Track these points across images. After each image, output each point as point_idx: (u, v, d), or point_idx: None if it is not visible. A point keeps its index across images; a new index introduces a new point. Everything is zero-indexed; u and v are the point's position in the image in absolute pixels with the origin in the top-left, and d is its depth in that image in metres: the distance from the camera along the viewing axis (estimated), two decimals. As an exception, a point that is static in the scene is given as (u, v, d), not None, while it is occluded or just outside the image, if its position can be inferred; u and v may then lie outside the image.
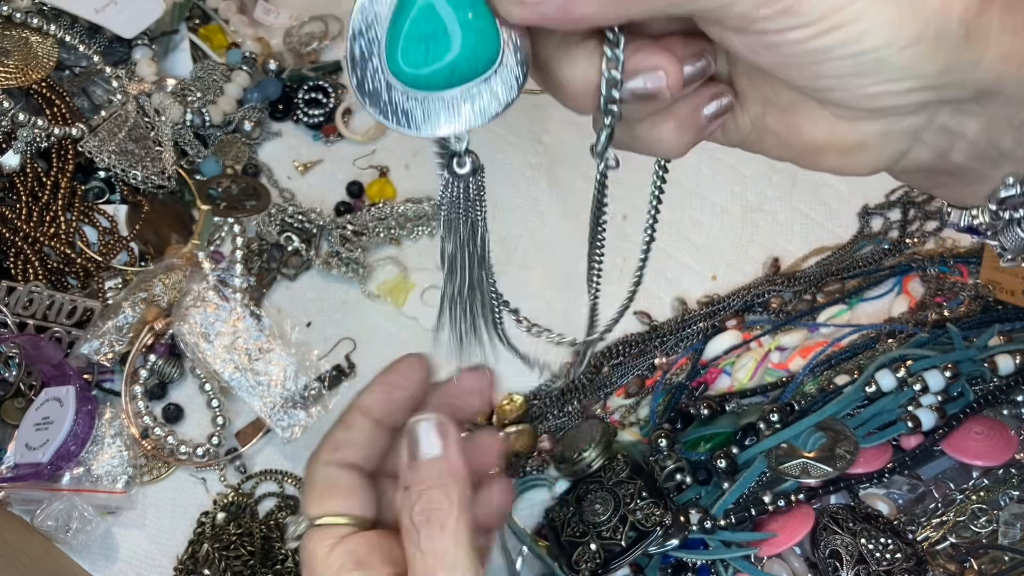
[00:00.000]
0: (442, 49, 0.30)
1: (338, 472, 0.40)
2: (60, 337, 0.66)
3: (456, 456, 0.38)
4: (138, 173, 0.72)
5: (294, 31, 0.83)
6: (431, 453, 0.37)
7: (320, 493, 0.39)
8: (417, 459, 0.37)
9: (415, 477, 0.37)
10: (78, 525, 0.61)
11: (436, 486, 0.36)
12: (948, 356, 0.61)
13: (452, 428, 0.38)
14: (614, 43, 0.30)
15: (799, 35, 0.28)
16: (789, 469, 0.58)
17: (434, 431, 0.38)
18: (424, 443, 0.38)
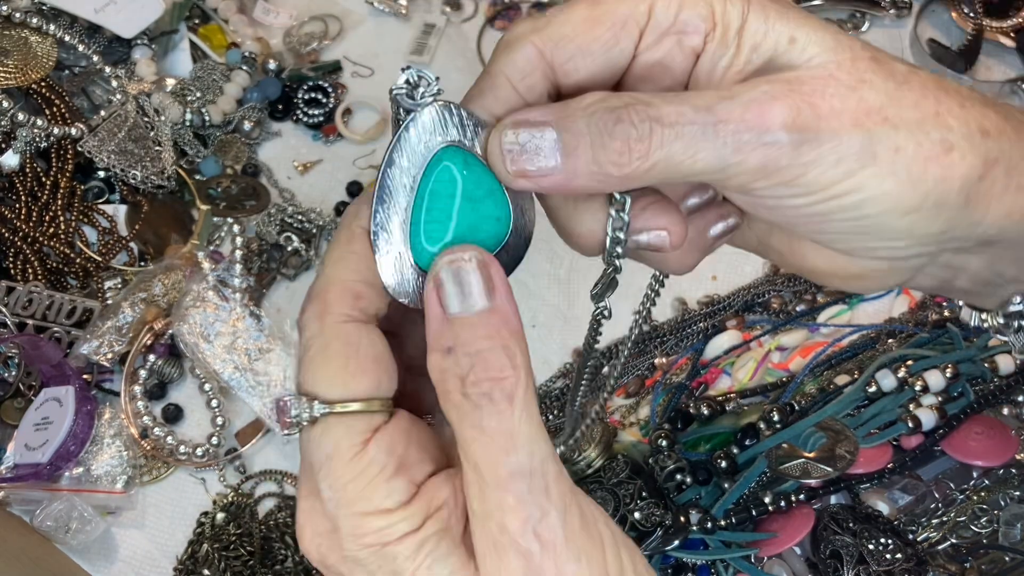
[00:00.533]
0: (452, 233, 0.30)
1: (361, 333, 0.29)
2: (59, 337, 0.66)
3: (509, 304, 0.28)
4: (137, 173, 0.72)
5: (294, 31, 0.83)
6: (477, 305, 0.28)
7: (341, 365, 0.29)
8: (456, 312, 0.28)
9: (459, 336, 0.28)
10: (77, 525, 0.61)
11: (493, 347, 0.27)
12: (948, 356, 0.61)
13: (495, 265, 0.29)
14: (620, 205, 0.30)
15: (799, 202, 0.29)
16: (789, 469, 0.58)
17: (475, 273, 0.28)
18: (463, 291, 0.28)
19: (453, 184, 0.30)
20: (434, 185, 0.30)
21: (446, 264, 0.29)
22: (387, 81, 0.83)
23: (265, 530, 0.63)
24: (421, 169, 0.30)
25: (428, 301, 0.29)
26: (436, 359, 0.28)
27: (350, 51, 0.84)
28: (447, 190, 0.30)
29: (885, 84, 0.28)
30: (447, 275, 0.29)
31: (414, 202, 0.30)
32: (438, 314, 0.28)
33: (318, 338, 0.29)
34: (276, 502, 0.64)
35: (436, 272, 0.29)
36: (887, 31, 0.84)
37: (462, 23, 0.86)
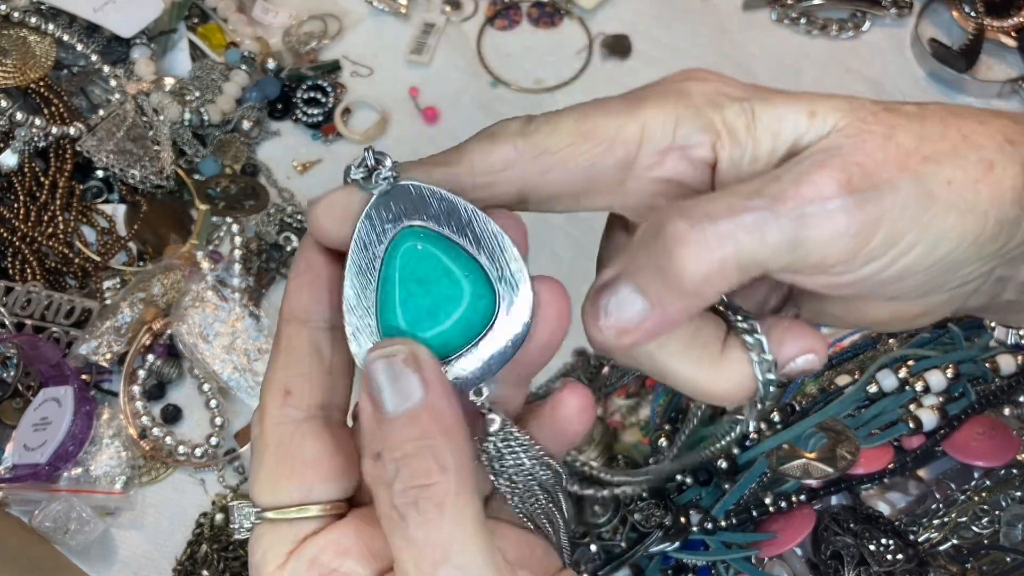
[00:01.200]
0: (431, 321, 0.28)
1: (295, 433, 0.28)
2: (58, 337, 0.66)
3: (442, 398, 0.26)
4: (136, 173, 0.71)
5: (293, 30, 0.83)
6: (405, 404, 0.26)
7: (271, 470, 0.28)
8: (385, 412, 0.26)
9: (386, 439, 0.26)
10: (76, 526, 0.61)
11: (419, 451, 0.25)
12: (950, 356, 0.61)
13: (426, 356, 0.27)
14: (758, 346, 0.28)
15: (876, 266, 0.28)
16: (790, 470, 0.58)
17: (404, 367, 0.26)
18: (391, 389, 0.26)
19: (411, 266, 0.28)
20: (390, 269, 0.28)
21: (374, 359, 0.26)
22: (387, 80, 0.83)
23: (264, 531, 0.63)
24: (383, 252, 0.28)
25: (361, 400, 0.27)
26: (367, 465, 0.27)
27: (349, 50, 0.84)
28: (405, 273, 0.28)
29: (910, 125, 0.28)
30: (376, 371, 0.26)
31: (377, 285, 0.28)
32: (368, 414, 0.26)
33: (258, 442, 0.29)
34: (275, 503, 0.64)
35: (366, 368, 0.27)
36: (888, 31, 0.84)
37: (462, 22, 0.85)
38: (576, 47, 0.84)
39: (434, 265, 0.28)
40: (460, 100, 0.81)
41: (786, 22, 0.84)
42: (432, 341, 0.28)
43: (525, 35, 0.85)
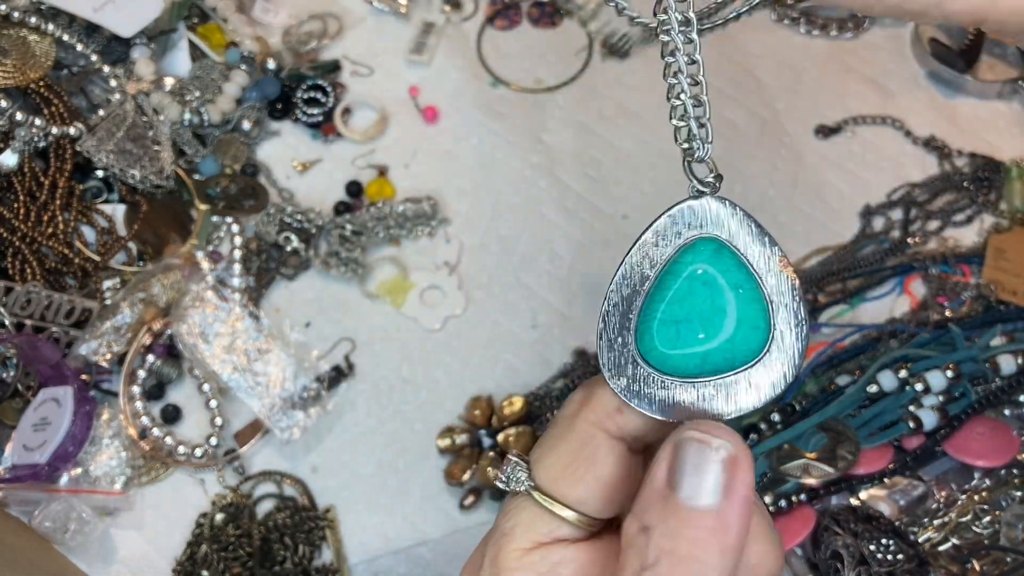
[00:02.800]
0: (695, 334, 0.27)
1: (603, 445, 0.28)
2: (58, 337, 0.66)
3: (739, 516, 0.24)
4: (136, 173, 0.71)
5: (293, 30, 0.83)
6: (704, 501, 0.24)
7: (565, 461, 0.28)
8: (678, 495, 0.24)
9: (665, 520, 0.24)
10: (76, 526, 0.61)
11: (692, 554, 0.23)
12: (950, 356, 0.61)
13: (747, 467, 0.24)
14: None
15: None
16: (790, 470, 0.58)
17: (718, 465, 0.24)
18: (695, 477, 0.24)
19: (710, 282, 0.28)
20: (684, 280, 0.28)
21: (690, 438, 0.25)
22: (386, 80, 0.83)
23: (264, 531, 0.63)
24: (669, 258, 0.28)
25: (656, 461, 0.25)
26: (631, 526, 0.25)
27: (349, 50, 0.84)
28: (700, 288, 0.28)
29: None
30: (687, 450, 0.24)
31: (652, 291, 0.28)
32: (657, 481, 0.25)
33: (564, 423, 0.28)
34: (275, 503, 0.64)
35: (680, 438, 0.25)
36: (888, 30, 0.84)
37: (462, 22, 0.85)
38: (576, 47, 0.84)
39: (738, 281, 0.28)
40: (460, 100, 0.81)
41: (786, 22, 0.84)
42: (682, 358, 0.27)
43: (525, 35, 0.85)
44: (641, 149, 0.78)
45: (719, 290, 0.27)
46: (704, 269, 0.28)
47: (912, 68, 0.82)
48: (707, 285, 0.28)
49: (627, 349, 0.28)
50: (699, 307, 0.27)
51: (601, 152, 0.78)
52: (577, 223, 0.74)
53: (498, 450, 0.64)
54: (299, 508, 0.63)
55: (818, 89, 0.81)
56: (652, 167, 0.77)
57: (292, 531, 0.62)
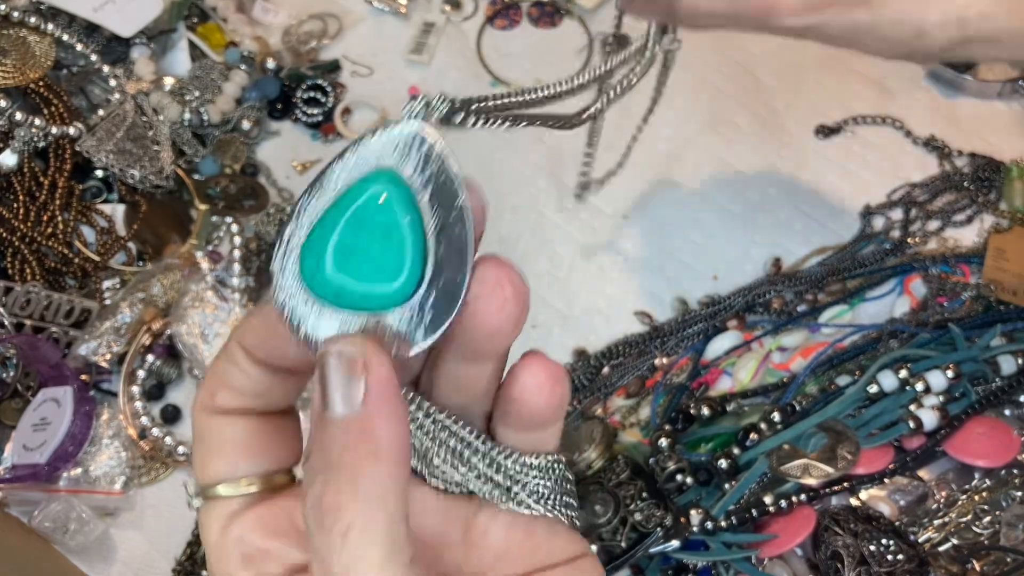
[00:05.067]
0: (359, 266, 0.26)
1: (221, 423, 0.28)
2: (58, 337, 0.66)
3: (383, 416, 0.23)
4: (136, 172, 0.71)
5: (292, 30, 0.83)
6: (342, 409, 0.23)
7: (200, 454, 0.28)
8: (325, 412, 0.23)
9: (319, 442, 0.24)
10: (76, 526, 0.61)
11: (339, 467, 0.23)
12: (950, 356, 0.61)
13: (379, 360, 0.24)
14: None
15: None
16: (790, 470, 0.57)
17: (343, 371, 0.24)
18: (331, 389, 0.23)
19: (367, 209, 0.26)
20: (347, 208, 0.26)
21: (328, 352, 0.24)
22: (386, 80, 0.83)
23: (264, 531, 0.63)
24: (346, 185, 0.26)
25: (313, 390, 0.25)
26: (303, 461, 0.25)
27: (349, 50, 0.84)
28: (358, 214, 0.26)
29: None
30: (327, 365, 0.24)
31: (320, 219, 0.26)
32: (315, 408, 0.24)
33: (193, 429, 0.29)
34: (275, 503, 0.64)
35: (318, 358, 0.24)
36: (888, 30, 0.84)
37: (462, 22, 0.85)
38: (576, 47, 0.84)
39: (388, 219, 0.26)
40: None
41: (786, 22, 0.84)
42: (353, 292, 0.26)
43: (525, 35, 0.85)
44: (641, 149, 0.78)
45: (395, 227, 0.26)
46: (385, 199, 0.26)
47: (912, 68, 0.82)
48: (385, 217, 0.26)
49: (291, 269, 0.26)
50: (371, 240, 0.26)
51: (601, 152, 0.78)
52: (577, 223, 0.74)
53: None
54: (299, 508, 0.63)
55: (818, 89, 0.81)
56: (652, 167, 0.77)
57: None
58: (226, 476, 0.28)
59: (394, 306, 0.26)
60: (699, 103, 0.79)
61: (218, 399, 0.28)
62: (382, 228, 0.26)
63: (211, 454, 0.28)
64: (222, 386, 0.28)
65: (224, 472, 0.28)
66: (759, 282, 0.71)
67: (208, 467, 0.28)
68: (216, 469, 0.28)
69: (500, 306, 0.26)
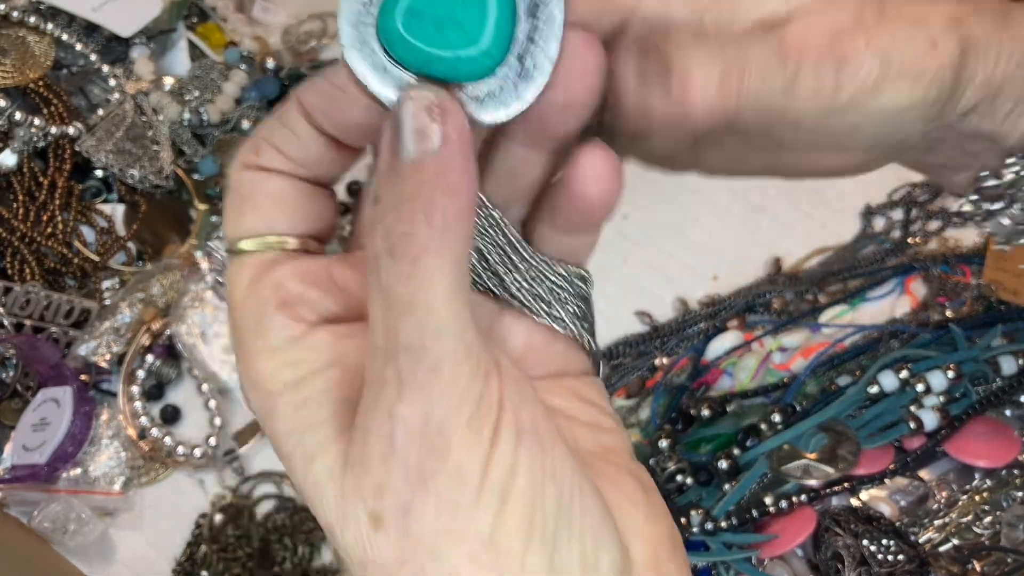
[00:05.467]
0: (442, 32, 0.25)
1: (260, 177, 0.28)
2: (57, 338, 0.66)
3: (457, 156, 0.23)
4: (135, 172, 0.71)
5: (292, 29, 0.83)
6: (420, 148, 0.23)
7: (236, 207, 0.28)
8: (398, 158, 0.23)
9: (389, 185, 0.24)
10: (75, 527, 0.61)
11: (413, 200, 0.23)
12: (951, 357, 0.61)
13: (456, 111, 0.24)
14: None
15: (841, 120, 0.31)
16: (791, 470, 0.57)
17: (426, 114, 0.24)
18: (410, 135, 0.23)
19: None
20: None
21: (404, 99, 0.24)
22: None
23: (264, 532, 0.63)
24: None
25: (381, 143, 0.24)
26: (367, 209, 0.25)
27: (349, 50, 0.83)
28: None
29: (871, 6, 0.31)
30: (403, 113, 0.24)
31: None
32: (384, 156, 0.24)
33: (228, 184, 0.28)
34: (275, 504, 0.64)
35: (394, 108, 0.24)
36: (888, 30, 0.83)
37: (462, 22, 0.85)
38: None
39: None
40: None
41: (787, 21, 0.84)
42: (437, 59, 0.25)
43: (525, 34, 0.85)
44: (641, 149, 0.78)
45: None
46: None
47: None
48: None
49: (369, 28, 0.25)
50: (453, 3, 0.25)
51: (601, 152, 0.78)
52: (577, 223, 0.74)
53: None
54: (299, 508, 0.63)
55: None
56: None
57: (292, 532, 0.62)
58: (263, 229, 0.27)
59: (475, 75, 0.25)
60: (699, 103, 0.79)
61: (263, 158, 0.28)
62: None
63: (249, 207, 0.28)
64: (269, 146, 0.28)
65: (261, 225, 0.27)
66: (759, 282, 0.71)
67: (244, 220, 0.27)
68: (253, 223, 0.27)
69: (583, 81, 0.26)
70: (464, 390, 0.23)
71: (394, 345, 0.23)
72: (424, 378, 0.23)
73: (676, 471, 0.59)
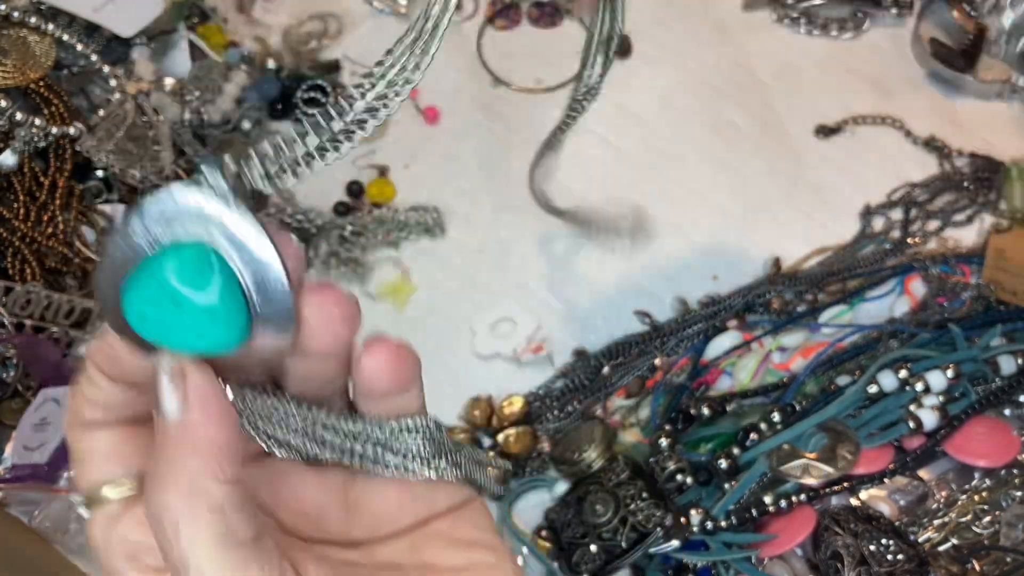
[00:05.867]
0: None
1: (91, 436, 0.30)
2: (58, 338, 0.66)
3: (201, 417, 0.26)
4: (136, 172, 0.71)
5: (293, 30, 0.83)
6: (167, 414, 0.26)
7: (79, 466, 0.30)
8: (158, 418, 0.26)
9: (157, 442, 0.27)
10: (76, 526, 0.61)
11: (167, 465, 0.26)
12: (950, 356, 0.61)
13: (195, 368, 0.27)
14: None
15: None
16: (790, 470, 0.57)
17: (165, 379, 0.26)
18: (160, 397, 0.26)
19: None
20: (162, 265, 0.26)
21: (157, 365, 0.27)
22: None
23: (264, 531, 0.63)
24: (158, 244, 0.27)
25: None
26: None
27: (349, 50, 0.84)
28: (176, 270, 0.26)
29: None
30: (158, 378, 0.27)
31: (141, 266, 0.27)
32: (155, 419, 0.27)
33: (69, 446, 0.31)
34: (275, 503, 0.64)
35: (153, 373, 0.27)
36: (888, 30, 0.84)
37: (462, 22, 0.85)
38: (576, 47, 0.84)
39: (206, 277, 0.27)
40: (460, 100, 0.81)
41: (786, 22, 0.84)
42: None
43: (525, 35, 0.85)
44: (641, 149, 0.78)
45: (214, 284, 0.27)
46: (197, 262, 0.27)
47: (912, 68, 0.82)
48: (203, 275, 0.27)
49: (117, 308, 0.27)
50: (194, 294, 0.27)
51: (601, 152, 0.78)
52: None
53: (498, 449, 0.64)
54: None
55: (818, 89, 0.81)
56: (652, 167, 0.77)
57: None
58: (104, 480, 0.29)
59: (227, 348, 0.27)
60: (699, 103, 0.79)
61: (85, 414, 0.30)
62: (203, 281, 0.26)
63: (87, 464, 0.30)
64: (86, 403, 0.30)
65: (101, 477, 0.29)
66: (759, 282, 0.71)
67: (87, 476, 0.30)
68: (94, 476, 0.30)
69: (330, 329, 0.30)
70: None
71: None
72: None
73: (676, 471, 0.59)
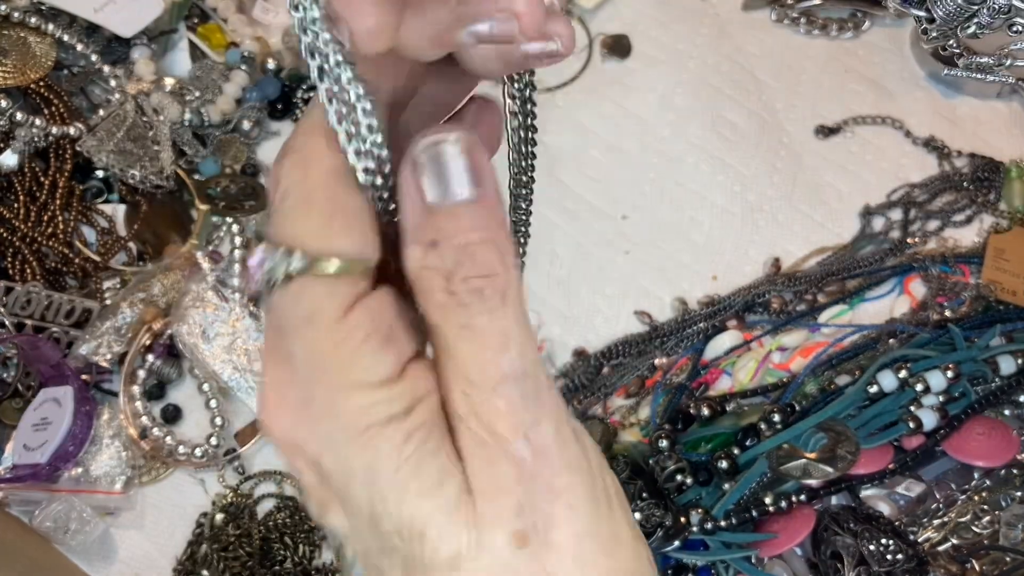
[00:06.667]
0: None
1: (346, 188, 0.25)
2: (58, 337, 0.66)
3: (498, 195, 0.25)
4: (136, 173, 0.71)
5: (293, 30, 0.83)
6: (463, 194, 0.24)
7: (326, 218, 0.25)
8: (441, 202, 0.24)
9: (442, 228, 0.24)
10: (76, 526, 0.61)
11: (483, 241, 0.24)
12: (949, 356, 0.61)
13: (483, 151, 0.25)
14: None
15: None
16: (790, 470, 0.58)
17: (461, 158, 0.24)
18: (446, 178, 0.24)
19: None
20: None
21: (426, 146, 0.24)
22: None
23: (264, 531, 0.63)
24: None
25: (405, 188, 0.25)
26: (416, 253, 0.24)
27: (349, 50, 0.84)
28: None
29: None
30: (427, 159, 0.24)
31: None
32: (417, 203, 0.24)
33: (299, 186, 0.26)
34: (275, 503, 0.64)
35: (415, 155, 0.24)
36: (888, 30, 0.84)
37: (462, 22, 0.85)
38: (576, 47, 0.84)
39: None
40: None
41: (786, 22, 0.84)
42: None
43: (525, 35, 0.85)
44: (641, 149, 0.78)
45: None
46: None
47: (912, 68, 0.82)
48: None
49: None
50: None
51: (601, 152, 0.78)
52: (577, 223, 0.74)
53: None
54: (299, 508, 0.63)
55: (818, 89, 0.81)
56: (652, 167, 0.77)
57: (292, 531, 0.62)
58: (353, 251, 0.25)
59: None
60: (699, 103, 0.79)
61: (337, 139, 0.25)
62: None
63: (339, 221, 0.25)
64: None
65: (352, 245, 0.25)
66: (759, 282, 0.71)
67: (334, 236, 0.25)
68: (345, 240, 0.25)
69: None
70: (560, 417, 0.26)
71: (498, 377, 0.25)
72: (547, 397, 0.25)
73: (676, 470, 0.59)
